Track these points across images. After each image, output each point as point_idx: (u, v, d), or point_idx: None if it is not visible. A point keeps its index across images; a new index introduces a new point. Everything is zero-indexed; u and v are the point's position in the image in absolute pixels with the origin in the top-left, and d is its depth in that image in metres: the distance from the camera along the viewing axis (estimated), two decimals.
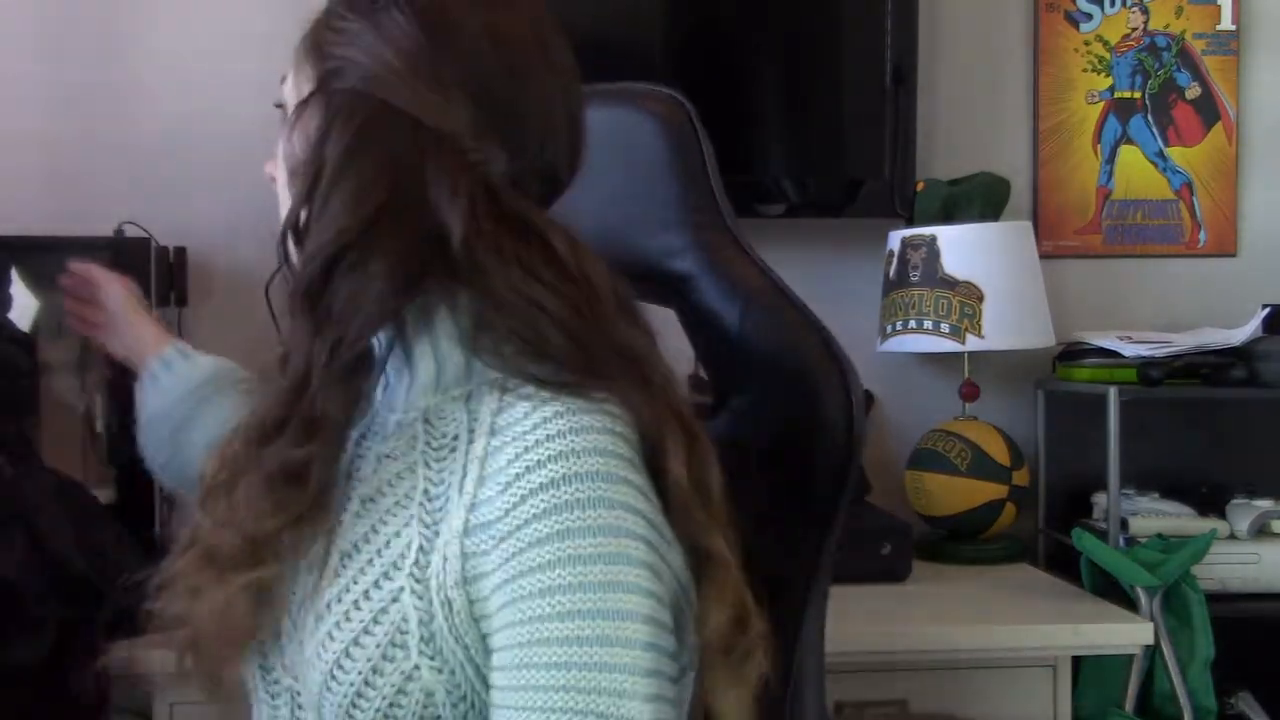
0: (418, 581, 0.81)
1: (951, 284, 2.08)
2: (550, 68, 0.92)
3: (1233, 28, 2.37)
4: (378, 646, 0.81)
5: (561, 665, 0.77)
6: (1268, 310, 2.09)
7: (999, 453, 2.10)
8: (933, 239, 2.10)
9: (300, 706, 0.87)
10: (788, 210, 2.25)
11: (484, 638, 0.81)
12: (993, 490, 2.09)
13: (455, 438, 0.85)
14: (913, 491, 2.16)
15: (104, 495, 1.79)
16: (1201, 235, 2.38)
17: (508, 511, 0.79)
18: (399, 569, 0.82)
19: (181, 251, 2.08)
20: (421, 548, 0.82)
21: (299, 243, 0.86)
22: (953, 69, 2.33)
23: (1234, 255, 2.39)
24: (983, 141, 2.34)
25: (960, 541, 2.12)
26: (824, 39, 2.25)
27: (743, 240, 1.19)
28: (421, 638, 0.80)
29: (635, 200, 0.93)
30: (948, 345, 2.09)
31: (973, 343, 2.08)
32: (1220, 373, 2.03)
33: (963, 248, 2.09)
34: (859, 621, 1.72)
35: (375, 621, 0.81)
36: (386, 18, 0.87)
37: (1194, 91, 2.37)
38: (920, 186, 2.20)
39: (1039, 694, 1.75)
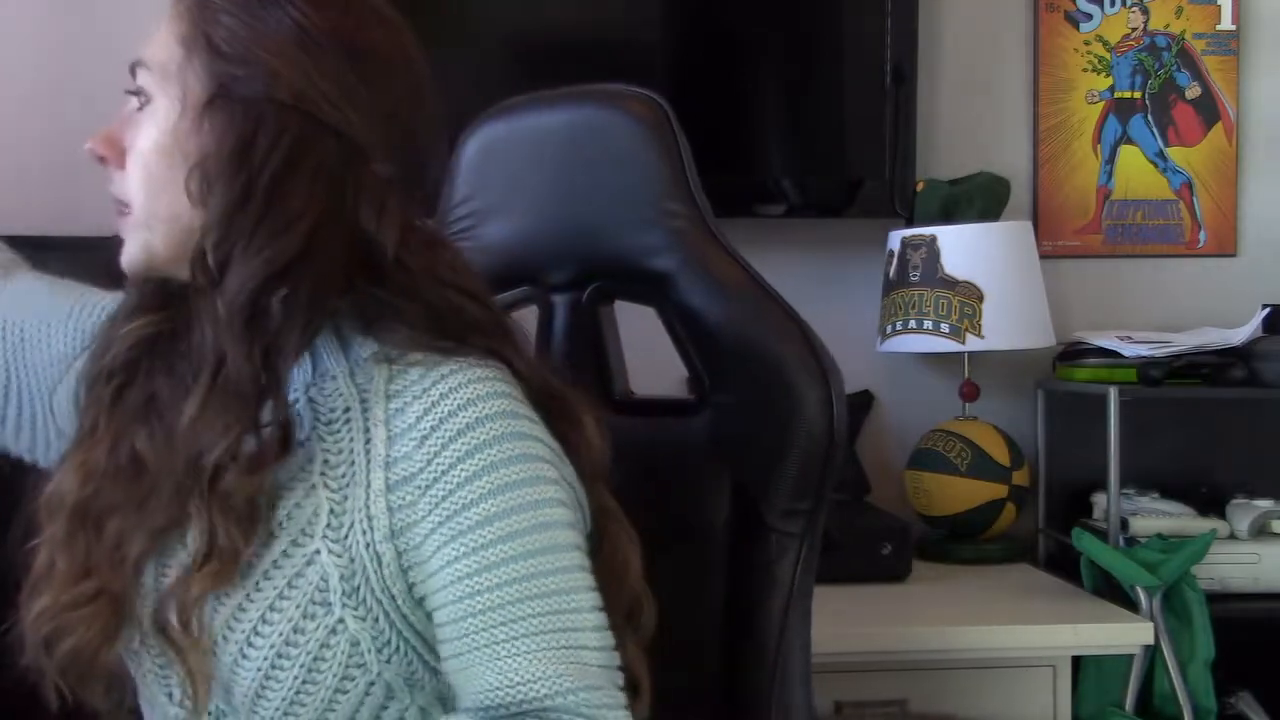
0: (334, 541, 0.87)
1: (951, 284, 2.08)
2: (433, 92, 0.97)
3: (1233, 28, 2.37)
4: (297, 607, 0.86)
5: (513, 581, 0.85)
6: (1268, 310, 2.08)
7: (999, 453, 2.10)
8: (933, 239, 2.10)
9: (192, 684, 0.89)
10: (788, 210, 2.25)
11: (410, 586, 0.87)
12: (993, 490, 2.09)
13: (347, 410, 0.91)
14: (913, 491, 2.16)
15: None
16: (1201, 235, 2.38)
17: (429, 461, 0.86)
18: (308, 535, 0.87)
19: None
20: (332, 510, 0.88)
21: (221, 253, 0.88)
22: (953, 69, 2.33)
23: (1234, 255, 2.39)
24: (983, 141, 2.34)
25: (960, 541, 2.12)
26: (824, 39, 2.25)
27: (722, 238, 1.19)
28: (344, 592, 0.86)
29: (615, 199, 0.94)
30: (948, 345, 2.09)
31: (973, 343, 2.08)
32: (1220, 373, 2.02)
33: (963, 248, 2.09)
34: (859, 621, 1.72)
35: (291, 585, 0.87)
36: (284, 16, 0.90)
37: (1194, 91, 2.37)
38: (920, 186, 2.20)
39: (1039, 694, 1.75)
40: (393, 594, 0.87)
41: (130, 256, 0.96)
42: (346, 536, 0.87)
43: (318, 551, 0.87)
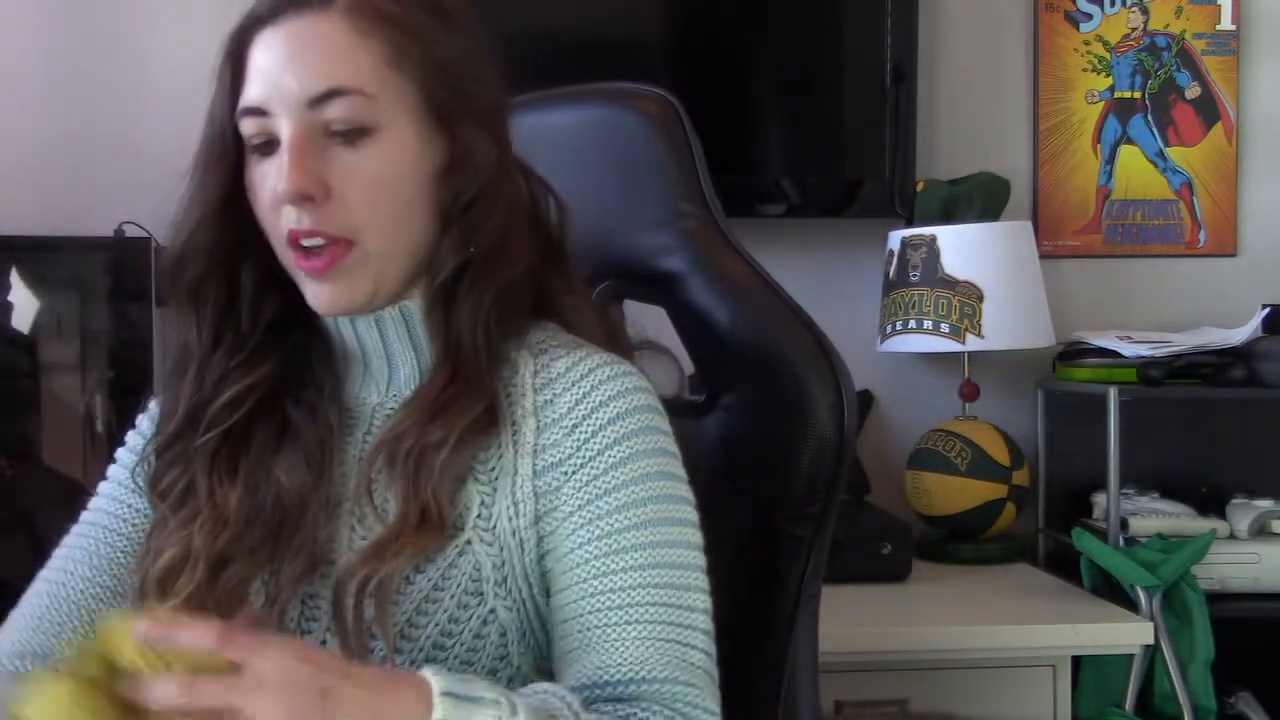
0: (485, 531, 0.90)
1: (951, 284, 2.08)
2: None
3: (1233, 28, 2.37)
4: (451, 598, 0.89)
5: (642, 567, 0.87)
6: (1268, 310, 2.09)
7: (999, 453, 2.10)
8: (933, 239, 2.10)
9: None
10: (788, 210, 2.25)
11: (544, 574, 0.90)
12: (993, 490, 2.09)
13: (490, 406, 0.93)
14: (913, 491, 2.16)
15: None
16: (1201, 235, 2.38)
17: (577, 448, 0.90)
18: (459, 527, 0.90)
19: None
20: (482, 502, 0.91)
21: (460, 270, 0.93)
22: (953, 69, 2.33)
23: (1234, 255, 2.39)
24: (983, 141, 2.34)
25: (960, 541, 2.12)
26: (824, 39, 2.25)
27: (733, 239, 1.19)
28: (495, 581, 0.90)
29: (626, 199, 0.94)
30: (948, 345, 2.09)
31: (973, 343, 2.08)
32: (1220, 373, 2.02)
33: (963, 248, 2.09)
34: (859, 621, 1.72)
35: (445, 577, 0.89)
36: (467, 27, 0.94)
37: (1194, 91, 2.37)
38: (920, 186, 2.20)
39: (1039, 694, 1.75)
40: (531, 581, 0.90)
41: (352, 294, 0.92)
42: (495, 526, 0.90)
43: (469, 542, 0.90)
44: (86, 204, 2.10)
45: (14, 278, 1.89)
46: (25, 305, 1.90)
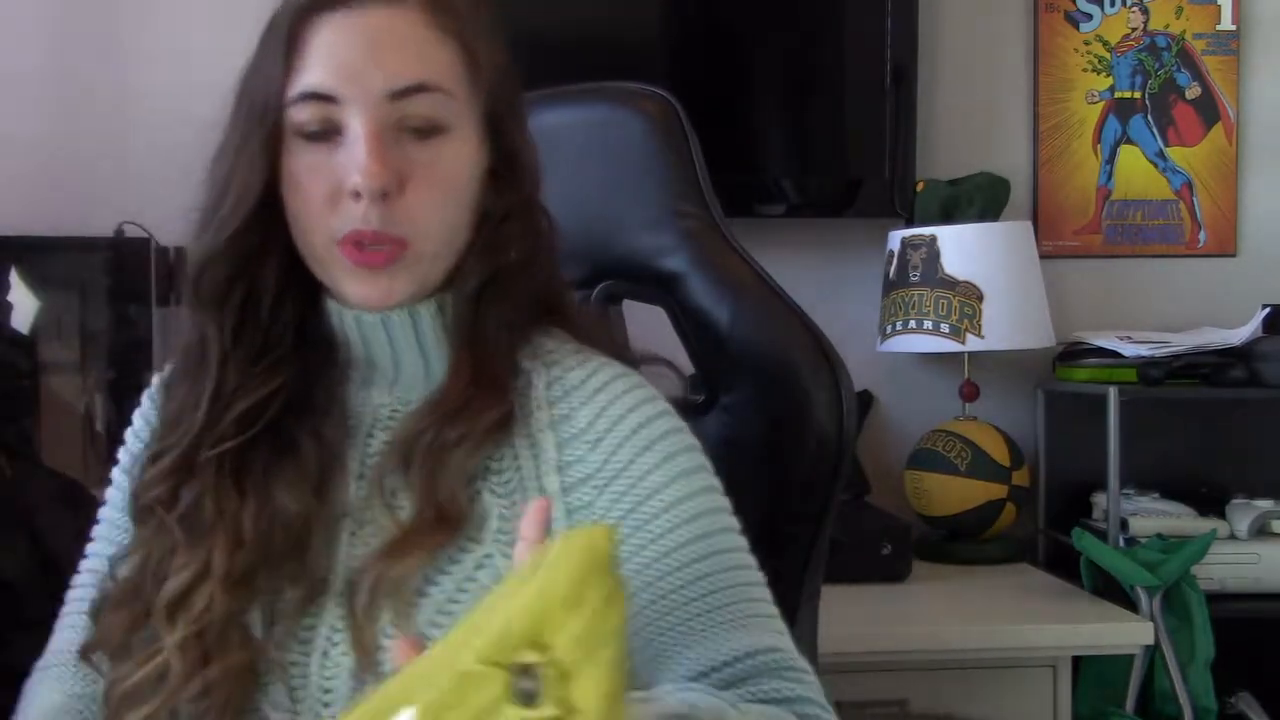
0: (507, 545, 0.87)
1: (951, 284, 2.08)
2: None
3: (1233, 28, 2.37)
4: (467, 610, 0.85)
5: (697, 560, 0.87)
6: (1268, 310, 2.08)
7: (999, 453, 2.10)
8: (933, 239, 2.10)
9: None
10: (788, 210, 2.25)
11: None
12: (993, 490, 2.08)
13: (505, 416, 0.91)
14: (913, 491, 2.16)
15: (104, 495, 1.79)
16: (1201, 235, 2.38)
17: (605, 462, 0.89)
18: (475, 540, 0.88)
19: (182, 251, 2.08)
20: (501, 515, 0.89)
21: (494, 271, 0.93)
22: (953, 69, 2.33)
23: (1234, 255, 2.39)
24: (983, 141, 2.34)
25: (960, 541, 2.12)
26: (824, 39, 2.25)
27: (733, 239, 1.19)
28: None
29: (625, 199, 0.94)
30: (948, 345, 2.09)
31: (973, 343, 2.08)
32: (1220, 373, 2.02)
33: (963, 248, 2.09)
34: (859, 621, 1.72)
35: (460, 590, 0.87)
36: (499, 28, 0.93)
37: (1194, 91, 2.37)
38: (920, 186, 2.20)
39: (1039, 694, 1.75)
40: None
41: (397, 292, 0.90)
42: (518, 540, 0.88)
43: (489, 555, 0.88)
44: (86, 204, 2.10)
45: (14, 278, 1.89)
46: (25, 305, 1.90)
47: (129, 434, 1.04)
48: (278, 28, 0.89)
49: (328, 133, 0.87)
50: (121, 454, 1.04)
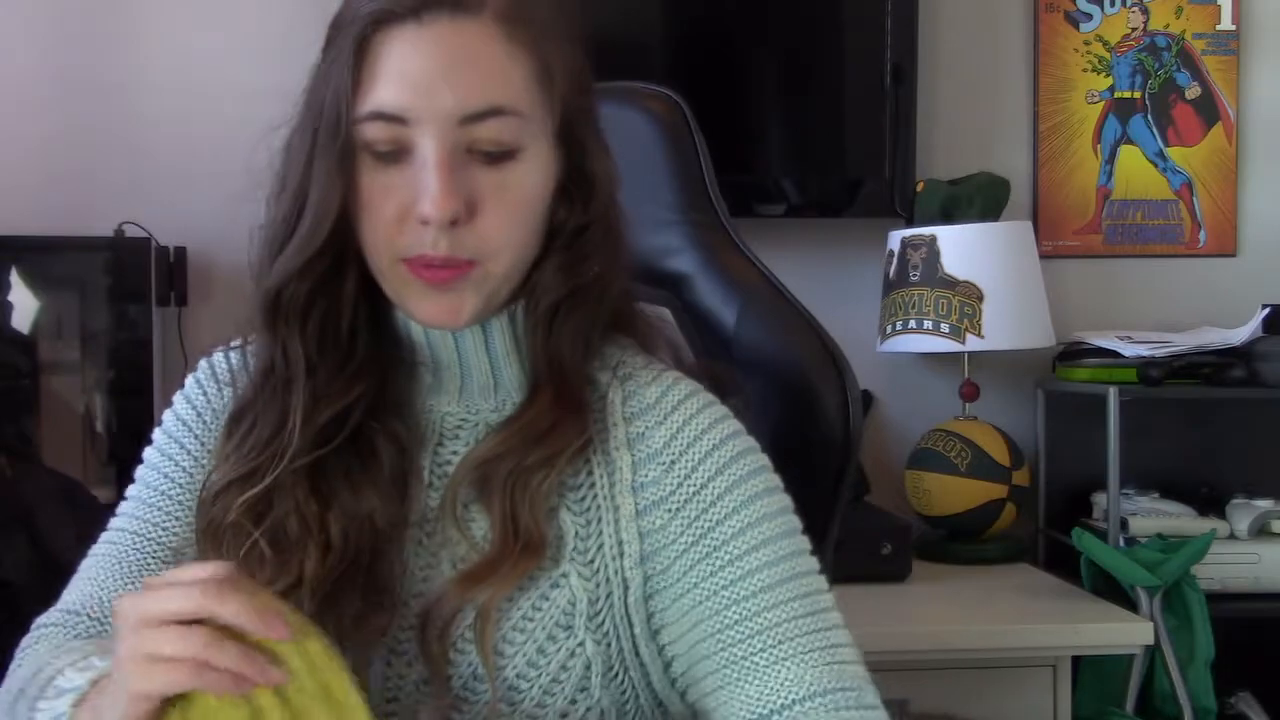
0: (583, 565, 0.88)
1: (951, 284, 2.08)
2: None
3: (1233, 28, 2.37)
4: (542, 629, 0.87)
5: (768, 588, 0.85)
6: (1268, 310, 2.08)
7: (999, 453, 2.10)
8: (933, 239, 2.10)
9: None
10: (788, 210, 2.25)
11: (650, 615, 0.88)
12: (993, 490, 2.09)
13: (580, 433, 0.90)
14: (913, 491, 2.16)
15: (104, 495, 1.79)
16: (1201, 235, 2.38)
17: (679, 484, 0.88)
18: (553, 559, 0.87)
19: (181, 251, 2.08)
20: (577, 534, 0.88)
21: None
22: (953, 69, 2.33)
23: (1234, 255, 2.39)
24: (983, 141, 2.34)
25: (960, 541, 2.12)
26: (824, 39, 2.25)
27: (739, 239, 1.19)
28: (588, 615, 0.87)
29: (631, 199, 0.94)
30: (948, 345, 2.09)
31: (973, 343, 2.08)
32: (1220, 373, 2.02)
33: (963, 248, 2.09)
34: (859, 621, 1.71)
35: (535, 608, 0.87)
36: (575, 34, 0.90)
37: (1194, 91, 2.37)
38: (920, 186, 2.20)
39: (1039, 694, 1.75)
40: (631, 621, 0.88)
41: (464, 310, 0.87)
42: (594, 560, 0.88)
43: (565, 575, 0.87)
44: (86, 204, 2.10)
45: (14, 278, 1.89)
46: (25, 305, 1.90)
47: (173, 416, 0.99)
48: (345, 36, 0.85)
49: (397, 153, 0.84)
50: (160, 435, 0.98)
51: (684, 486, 0.87)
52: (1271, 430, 2.26)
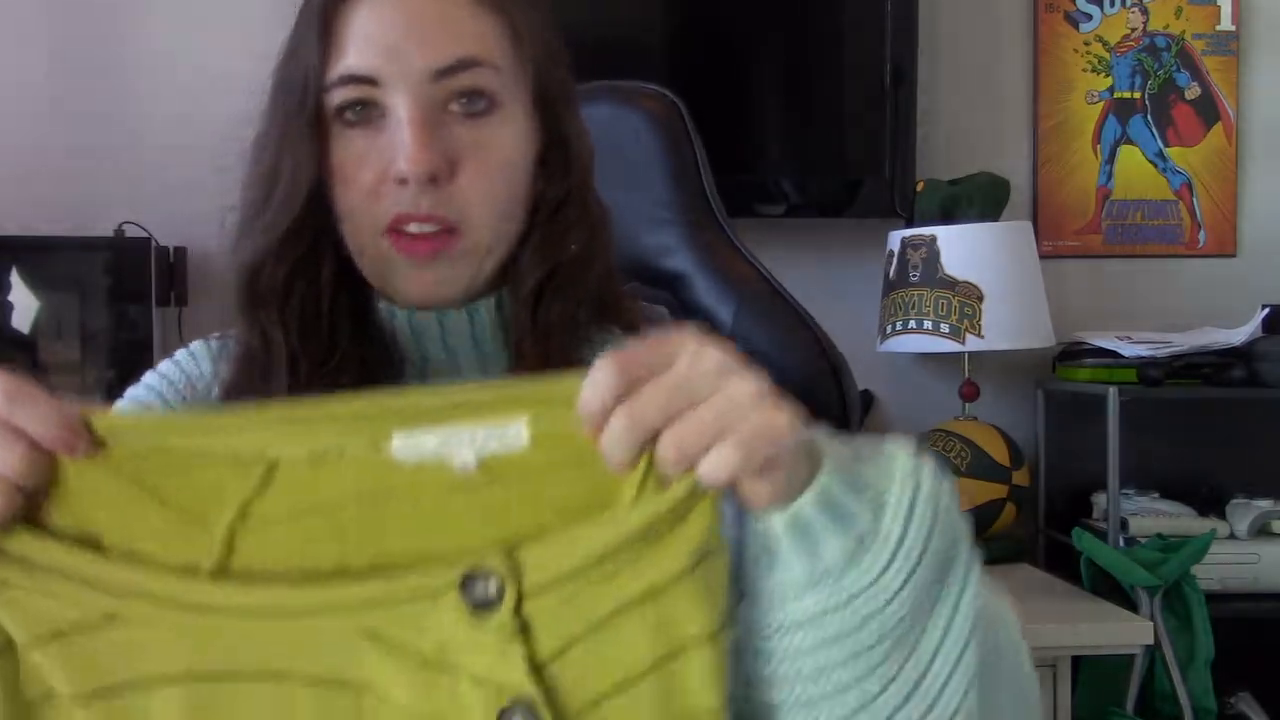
0: None
1: (951, 284, 2.08)
2: None
3: (1233, 28, 2.37)
4: None
5: None
6: (1268, 310, 2.09)
7: (999, 453, 2.10)
8: (933, 239, 2.10)
9: None
10: (788, 210, 2.25)
11: None
12: (993, 490, 2.08)
13: None
14: None
15: None
16: (1201, 235, 2.38)
17: None
18: None
19: (181, 251, 2.08)
20: None
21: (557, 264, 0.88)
22: (953, 69, 2.33)
23: (1234, 255, 2.39)
24: (983, 141, 2.34)
25: None
26: (824, 39, 2.25)
27: (736, 239, 1.19)
28: None
29: (628, 198, 0.94)
30: (947, 345, 2.09)
31: (972, 343, 2.08)
32: (1220, 373, 2.03)
33: (963, 248, 2.09)
34: None
35: None
36: (547, 29, 0.89)
37: (1194, 92, 2.37)
38: (920, 186, 2.20)
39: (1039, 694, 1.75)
40: None
41: (452, 283, 0.85)
42: None
43: None
44: (86, 204, 2.10)
45: (14, 278, 1.89)
46: (25, 305, 1.90)
47: (151, 382, 0.99)
48: (311, 12, 0.84)
49: (371, 117, 0.82)
50: (133, 389, 0.99)
51: None
52: (1271, 430, 2.26)
